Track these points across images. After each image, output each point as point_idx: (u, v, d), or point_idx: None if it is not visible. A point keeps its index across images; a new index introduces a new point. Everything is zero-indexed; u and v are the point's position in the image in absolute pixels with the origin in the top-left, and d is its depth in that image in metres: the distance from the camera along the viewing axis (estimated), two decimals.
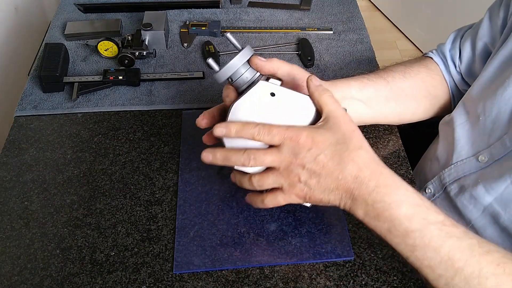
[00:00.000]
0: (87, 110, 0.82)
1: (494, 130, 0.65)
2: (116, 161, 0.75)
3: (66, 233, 0.66)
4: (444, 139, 0.75)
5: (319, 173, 0.54)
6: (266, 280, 0.61)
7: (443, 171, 0.71)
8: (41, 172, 0.73)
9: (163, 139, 0.78)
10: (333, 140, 0.53)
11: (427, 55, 0.80)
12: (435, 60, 0.78)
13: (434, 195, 0.73)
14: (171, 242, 0.65)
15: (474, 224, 0.67)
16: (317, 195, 0.55)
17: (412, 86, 0.75)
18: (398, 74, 0.75)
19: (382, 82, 0.73)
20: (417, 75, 0.76)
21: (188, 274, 0.62)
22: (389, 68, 0.76)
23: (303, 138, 0.53)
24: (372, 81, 0.73)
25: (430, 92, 0.77)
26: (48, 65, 0.84)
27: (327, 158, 0.53)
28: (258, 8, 1.04)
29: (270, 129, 0.54)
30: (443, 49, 0.78)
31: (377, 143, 0.77)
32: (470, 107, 0.69)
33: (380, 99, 0.73)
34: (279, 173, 0.56)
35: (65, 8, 1.03)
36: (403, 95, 0.74)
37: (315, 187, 0.55)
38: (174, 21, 1.00)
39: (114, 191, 0.71)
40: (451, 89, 0.78)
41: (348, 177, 0.53)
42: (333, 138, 0.53)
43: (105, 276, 0.62)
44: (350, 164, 0.53)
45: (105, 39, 0.89)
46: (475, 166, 0.66)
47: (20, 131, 0.79)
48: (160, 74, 0.87)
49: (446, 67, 0.77)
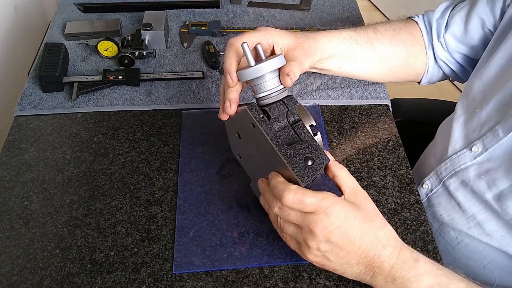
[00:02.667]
0: (87, 110, 0.82)
1: (487, 120, 0.65)
2: (115, 161, 0.75)
3: (66, 233, 0.66)
4: (442, 135, 0.75)
5: (342, 248, 0.53)
6: (266, 280, 0.61)
7: (439, 166, 0.72)
8: (40, 172, 0.73)
9: (163, 139, 0.78)
10: (362, 218, 0.53)
11: (413, 18, 0.80)
12: (419, 26, 0.78)
13: (432, 190, 0.73)
14: (170, 242, 0.65)
15: (476, 217, 0.67)
16: (333, 266, 0.55)
17: (395, 54, 0.76)
18: (385, 40, 0.75)
19: (369, 47, 0.74)
20: (403, 42, 0.77)
21: (188, 274, 0.62)
22: (379, 31, 0.76)
23: (334, 216, 0.52)
24: (360, 46, 0.73)
25: (409, 61, 0.78)
26: (48, 65, 0.84)
27: (355, 237, 0.53)
28: (258, 8, 1.04)
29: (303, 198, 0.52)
30: (431, 16, 0.78)
31: (377, 143, 0.77)
32: (471, 100, 0.70)
33: (362, 63, 0.74)
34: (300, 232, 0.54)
35: (65, 8, 1.03)
36: (383, 60, 0.76)
37: (334, 259, 0.54)
38: (174, 21, 1.00)
39: (114, 191, 0.71)
40: (428, 59, 0.78)
41: (372, 255, 0.53)
42: (362, 215, 0.53)
43: (104, 276, 0.62)
44: (375, 243, 0.53)
45: (105, 39, 0.89)
46: (470, 157, 0.67)
47: (20, 131, 0.79)
48: (160, 74, 0.87)
49: (429, 35, 0.78)
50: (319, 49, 0.66)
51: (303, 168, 0.54)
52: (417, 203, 0.69)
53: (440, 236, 0.72)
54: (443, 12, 0.77)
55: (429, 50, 0.78)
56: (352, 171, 0.73)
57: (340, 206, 0.52)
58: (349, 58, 0.72)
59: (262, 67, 0.55)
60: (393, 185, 0.72)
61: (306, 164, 0.54)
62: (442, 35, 0.76)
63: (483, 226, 0.67)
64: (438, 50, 0.77)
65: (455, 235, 0.71)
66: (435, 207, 0.73)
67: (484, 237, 0.67)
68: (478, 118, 0.67)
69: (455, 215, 0.70)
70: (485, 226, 0.66)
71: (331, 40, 0.69)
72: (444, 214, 0.72)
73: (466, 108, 0.70)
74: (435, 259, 0.63)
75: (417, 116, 1.02)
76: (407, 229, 0.67)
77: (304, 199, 0.52)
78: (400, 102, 0.98)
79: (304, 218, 0.53)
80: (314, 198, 0.52)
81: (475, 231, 0.68)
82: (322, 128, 0.79)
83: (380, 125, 0.80)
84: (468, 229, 0.69)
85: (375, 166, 0.74)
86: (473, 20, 0.73)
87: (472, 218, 0.68)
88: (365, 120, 0.81)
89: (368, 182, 0.72)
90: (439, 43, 0.77)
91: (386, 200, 0.70)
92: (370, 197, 0.69)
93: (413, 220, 0.68)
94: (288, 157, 0.54)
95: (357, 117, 0.81)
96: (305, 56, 0.63)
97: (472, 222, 0.68)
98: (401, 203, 0.69)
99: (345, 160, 0.74)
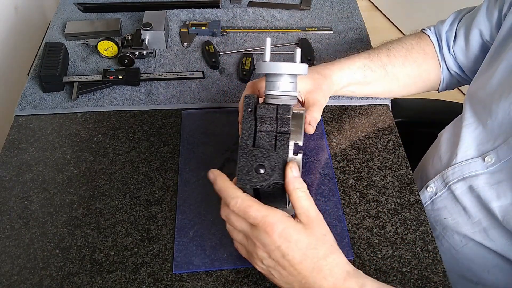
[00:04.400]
0: (87, 109, 0.82)
1: (500, 133, 0.65)
2: (115, 161, 0.75)
3: (66, 233, 0.66)
4: (449, 138, 0.75)
5: (283, 268, 0.52)
6: (266, 280, 0.61)
7: (446, 170, 0.71)
8: (40, 171, 0.73)
9: (163, 139, 0.78)
10: (305, 244, 0.51)
11: (425, 31, 0.81)
12: (431, 40, 0.80)
13: (436, 194, 0.73)
14: (170, 242, 0.65)
15: (482, 223, 0.67)
16: (277, 282, 0.54)
17: (408, 74, 0.79)
18: (398, 62, 0.78)
19: (382, 72, 0.77)
20: (415, 62, 0.79)
21: (188, 274, 0.62)
22: (392, 52, 0.78)
23: (275, 234, 0.50)
24: (374, 72, 0.76)
25: (422, 77, 0.80)
26: (48, 64, 0.84)
27: (295, 261, 0.51)
28: (258, 8, 1.04)
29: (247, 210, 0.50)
30: (440, 29, 0.80)
31: (377, 143, 0.77)
32: (478, 109, 0.69)
33: (373, 88, 0.78)
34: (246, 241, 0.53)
35: (65, 8, 1.03)
36: (396, 82, 0.79)
37: (278, 277, 0.53)
38: (174, 20, 1.00)
39: (114, 191, 0.71)
40: (442, 70, 0.80)
41: (311, 282, 0.51)
42: (306, 241, 0.51)
43: (104, 276, 0.62)
44: (315, 271, 0.51)
45: (105, 38, 0.89)
46: (481, 166, 0.67)
47: (20, 130, 0.79)
48: (160, 74, 0.87)
49: (440, 48, 0.79)
50: (334, 85, 0.72)
51: (248, 171, 0.51)
52: (417, 203, 0.69)
53: (444, 239, 0.72)
54: (451, 25, 0.79)
55: (442, 62, 0.80)
56: (352, 171, 0.73)
57: (284, 227, 0.50)
58: (363, 84, 0.76)
59: (280, 66, 0.53)
60: (393, 185, 0.72)
61: (255, 170, 0.51)
62: (452, 47, 0.78)
63: (487, 232, 0.66)
64: (450, 62, 0.79)
65: (459, 239, 0.71)
66: (440, 210, 0.73)
67: (488, 242, 0.67)
68: (491, 129, 0.66)
69: (460, 219, 0.70)
70: (489, 233, 0.66)
71: (345, 72, 0.74)
72: (448, 218, 0.71)
73: (476, 116, 0.69)
74: (435, 259, 0.63)
75: (417, 116, 1.02)
76: (407, 229, 0.67)
77: (248, 211, 0.50)
78: (400, 102, 0.98)
79: (250, 229, 0.52)
80: (258, 213, 0.50)
81: (480, 236, 0.68)
82: (322, 128, 0.79)
83: (380, 125, 0.80)
84: (472, 233, 0.68)
85: (375, 166, 0.74)
86: (473, 32, 0.74)
87: (478, 223, 0.67)
88: (365, 120, 0.81)
89: (368, 182, 0.72)
90: (450, 56, 0.79)
91: (386, 200, 0.70)
92: (370, 197, 0.70)
93: (413, 220, 0.67)
94: (243, 153, 0.51)
95: (357, 117, 0.81)
96: (324, 97, 0.69)
97: (477, 227, 0.67)
98: (401, 203, 0.69)
99: (345, 160, 0.75)
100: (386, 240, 0.65)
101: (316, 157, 0.75)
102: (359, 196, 0.70)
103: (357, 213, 0.68)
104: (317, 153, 0.75)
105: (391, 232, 0.66)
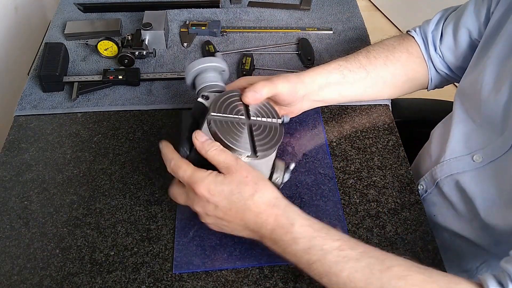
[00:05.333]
0: (87, 109, 0.82)
1: (489, 131, 0.65)
2: (115, 161, 0.75)
3: (66, 233, 0.66)
4: (439, 136, 0.75)
5: (222, 218, 0.57)
6: (266, 280, 0.61)
7: (434, 167, 0.72)
8: (40, 171, 0.73)
9: (163, 138, 0.78)
10: (228, 192, 0.56)
11: (410, 33, 0.80)
12: (416, 41, 0.78)
13: (426, 191, 0.73)
14: (170, 242, 0.65)
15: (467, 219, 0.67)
16: (228, 231, 0.60)
17: (392, 73, 0.77)
18: (379, 62, 0.76)
19: (362, 72, 0.75)
20: (398, 61, 0.77)
21: (188, 274, 0.62)
22: (372, 54, 0.77)
23: (200, 190, 0.56)
24: (353, 72, 0.75)
25: (409, 76, 0.79)
26: (48, 64, 0.84)
27: (226, 209, 0.56)
28: (258, 8, 1.04)
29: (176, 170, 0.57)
30: (426, 29, 0.78)
31: (377, 143, 0.77)
32: (468, 106, 0.70)
33: (358, 88, 0.77)
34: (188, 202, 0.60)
35: (65, 8, 1.03)
36: (381, 82, 0.77)
37: (224, 227, 0.59)
38: (174, 20, 1.00)
39: (114, 191, 0.71)
40: (430, 70, 0.79)
41: (249, 222, 0.57)
42: (228, 188, 0.56)
43: (104, 276, 0.62)
44: (247, 212, 0.56)
45: (105, 38, 0.89)
46: (469, 165, 0.67)
47: (20, 130, 0.79)
48: (160, 74, 0.87)
49: (426, 48, 0.78)
50: (306, 83, 0.71)
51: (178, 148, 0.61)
52: (417, 203, 0.69)
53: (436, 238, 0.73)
54: (437, 24, 0.78)
55: (429, 63, 0.78)
56: (352, 171, 0.73)
57: (206, 182, 0.55)
58: (344, 83, 0.75)
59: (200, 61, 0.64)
60: (393, 185, 0.72)
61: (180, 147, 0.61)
62: (438, 47, 0.77)
63: (473, 227, 0.67)
64: (437, 62, 0.78)
65: (448, 236, 0.71)
66: (430, 207, 0.73)
67: (474, 238, 0.67)
68: (480, 126, 0.67)
69: (448, 215, 0.71)
70: (475, 228, 0.67)
71: (319, 72, 0.73)
72: (438, 215, 0.72)
73: (466, 113, 0.70)
74: (435, 259, 0.63)
75: (416, 116, 1.02)
76: (407, 229, 0.67)
77: (177, 171, 0.57)
78: (400, 102, 0.98)
79: (187, 190, 0.58)
80: (185, 173, 0.56)
81: (467, 233, 0.68)
82: (323, 128, 0.79)
83: (380, 125, 0.80)
84: (460, 230, 0.69)
85: (375, 166, 0.74)
86: (461, 31, 0.73)
87: (465, 219, 0.68)
88: (365, 120, 0.81)
89: (368, 182, 0.72)
90: (437, 55, 0.78)
91: (386, 200, 0.70)
92: (370, 197, 0.70)
93: (413, 220, 0.68)
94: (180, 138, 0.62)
95: (357, 117, 0.81)
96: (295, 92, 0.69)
97: (464, 223, 0.68)
98: (401, 203, 0.69)
99: (345, 160, 0.75)
100: (386, 240, 0.65)
101: (316, 157, 0.75)
102: (359, 196, 0.70)
103: (357, 213, 0.68)
104: (317, 153, 0.75)
105: (391, 232, 0.66)
